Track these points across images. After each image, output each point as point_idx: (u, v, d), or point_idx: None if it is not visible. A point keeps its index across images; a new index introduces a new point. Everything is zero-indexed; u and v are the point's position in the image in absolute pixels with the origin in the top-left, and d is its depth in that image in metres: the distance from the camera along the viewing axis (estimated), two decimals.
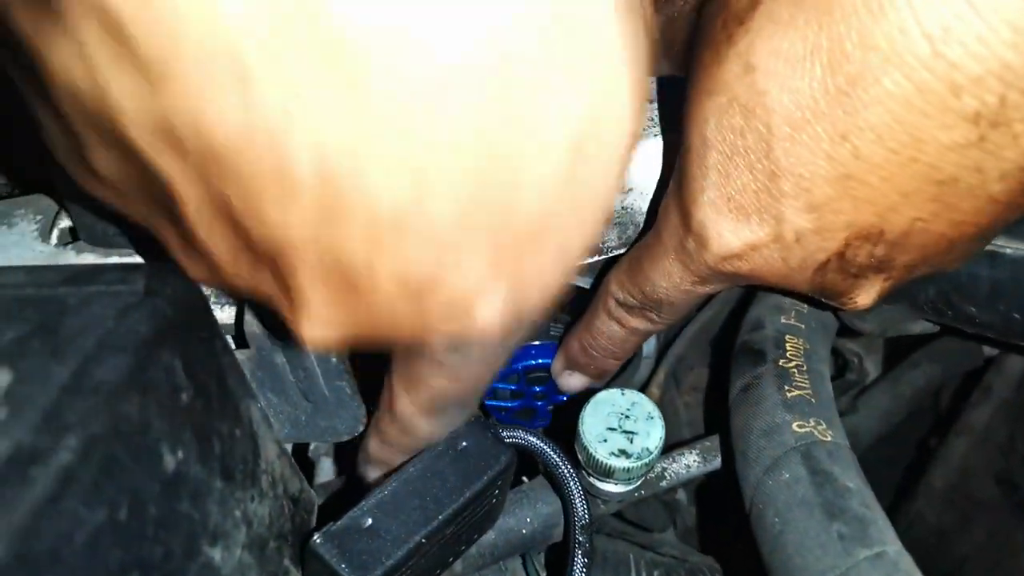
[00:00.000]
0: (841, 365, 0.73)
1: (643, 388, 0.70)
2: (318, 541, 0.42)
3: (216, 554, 0.36)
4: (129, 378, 0.33)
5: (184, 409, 0.36)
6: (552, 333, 0.61)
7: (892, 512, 0.95)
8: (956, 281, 0.48)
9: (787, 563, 0.38)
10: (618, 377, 0.71)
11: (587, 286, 0.59)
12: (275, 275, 0.31)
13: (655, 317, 0.49)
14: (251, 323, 0.43)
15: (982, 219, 0.36)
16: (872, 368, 0.90)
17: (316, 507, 0.48)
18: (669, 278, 0.45)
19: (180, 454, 0.34)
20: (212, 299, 0.48)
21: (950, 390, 0.91)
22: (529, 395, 0.63)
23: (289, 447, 0.68)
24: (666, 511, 0.68)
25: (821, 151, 0.34)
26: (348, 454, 0.60)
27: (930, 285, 0.50)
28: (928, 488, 0.90)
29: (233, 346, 0.43)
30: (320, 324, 0.32)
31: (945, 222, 0.36)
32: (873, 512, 0.38)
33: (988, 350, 0.83)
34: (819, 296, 0.42)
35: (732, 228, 0.39)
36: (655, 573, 0.64)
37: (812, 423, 0.45)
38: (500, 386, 0.61)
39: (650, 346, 0.68)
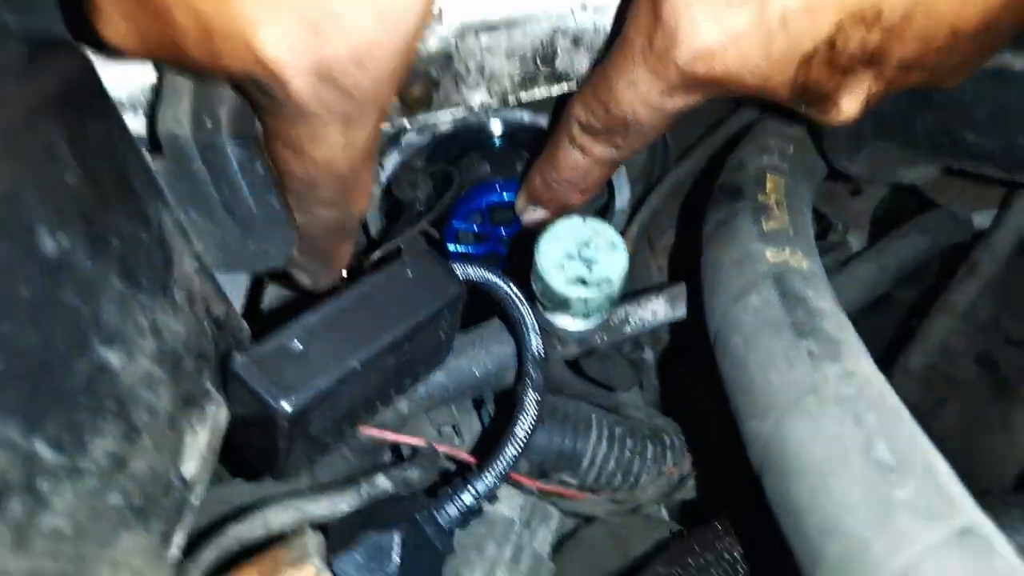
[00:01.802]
0: (824, 228, 0.69)
1: None
2: (239, 360, 0.38)
3: (112, 357, 0.32)
4: None
5: (70, 193, 0.31)
6: (519, 169, 0.57)
7: None
8: (956, 104, 0.44)
9: (750, 383, 0.34)
10: None
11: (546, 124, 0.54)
12: None
13: (620, 142, 0.44)
14: (165, 123, 0.38)
15: (992, 3, 0.31)
16: (856, 243, 0.86)
17: (248, 336, 0.45)
18: (635, 88, 0.40)
19: (64, 240, 0.30)
20: (123, 105, 0.42)
21: (936, 265, 0.87)
22: (495, 238, 0.59)
23: (240, 299, 0.64)
24: (633, 369, 0.65)
25: None
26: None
27: (926, 112, 0.45)
28: (905, 367, 0.88)
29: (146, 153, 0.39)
30: (112, 27, 0.32)
31: (950, 2, 0.31)
32: (847, 333, 0.35)
33: (979, 223, 0.79)
34: (800, 104, 0.38)
35: (708, 13, 0.34)
36: (617, 431, 0.62)
37: (788, 252, 0.41)
38: (463, 226, 0.57)
39: (623, 199, 0.63)
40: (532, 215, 0.53)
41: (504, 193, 0.57)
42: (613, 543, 0.60)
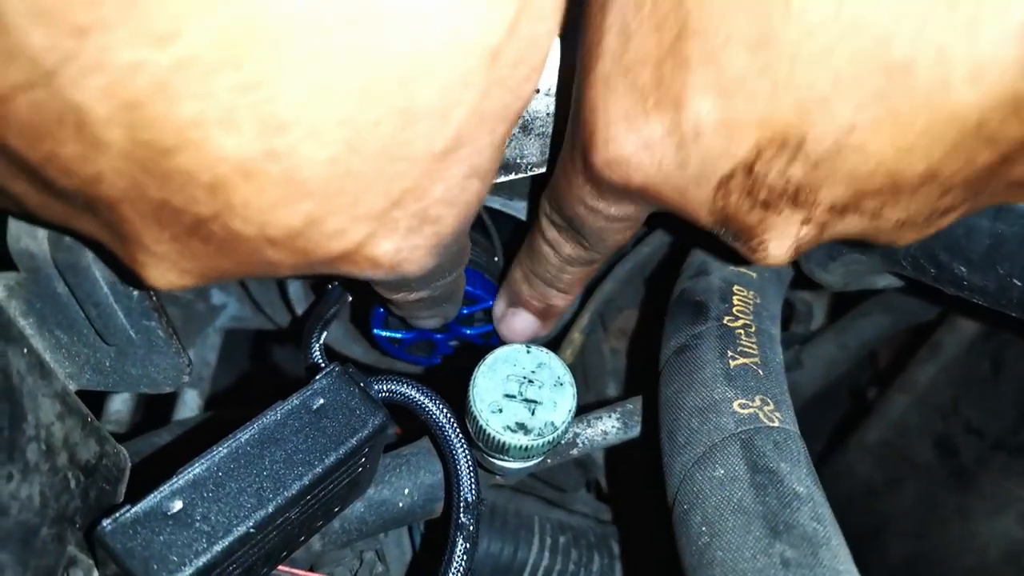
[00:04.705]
0: (786, 316, 0.64)
1: (564, 330, 0.60)
2: (107, 529, 0.31)
3: None
4: None
5: None
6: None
7: (821, 461, 0.90)
8: (947, 233, 0.39)
9: None
10: None
11: (523, 216, 0.49)
12: (99, 219, 0.26)
13: (584, 244, 0.39)
14: (19, 237, 0.31)
15: (938, 150, 0.27)
16: (819, 313, 0.82)
17: (127, 472, 0.38)
18: (572, 189, 0.35)
19: None
20: None
21: (895, 341, 0.84)
22: None
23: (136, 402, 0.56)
24: (580, 471, 0.60)
25: None
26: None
27: None
28: (861, 442, 0.85)
29: None
30: (169, 270, 0.28)
31: (888, 139, 0.27)
32: (826, 527, 0.30)
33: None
34: (724, 233, 0.33)
35: (623, 115, 0.30)
36: (561, 540, 0.57)
37: (758, 402, 0.36)
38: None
39: None
40: (512, 320, 0.47)
41: None
42: None
